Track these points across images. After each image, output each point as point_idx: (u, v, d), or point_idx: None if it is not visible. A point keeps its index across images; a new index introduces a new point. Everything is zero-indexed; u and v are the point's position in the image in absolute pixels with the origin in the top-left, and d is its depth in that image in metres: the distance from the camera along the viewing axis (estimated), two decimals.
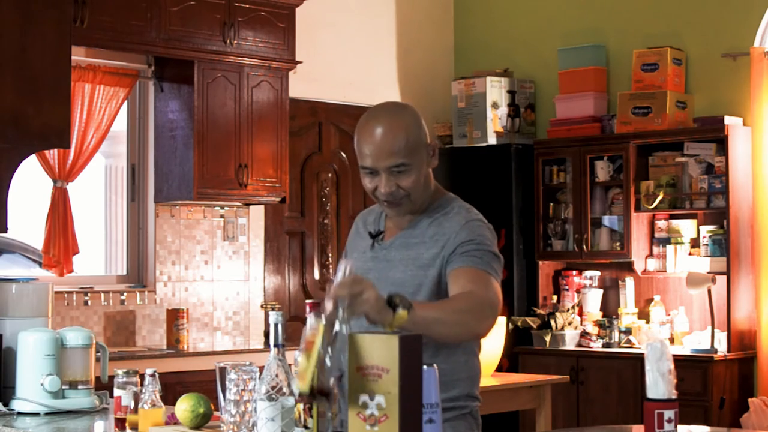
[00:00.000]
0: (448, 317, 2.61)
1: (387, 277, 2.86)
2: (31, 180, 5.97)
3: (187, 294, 6.65)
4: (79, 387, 3.43)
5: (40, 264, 6.14)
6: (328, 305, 2.27)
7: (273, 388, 2.35)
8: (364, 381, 2.07)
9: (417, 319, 2.46)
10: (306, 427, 2.33)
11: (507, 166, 7.40)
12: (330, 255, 7.36)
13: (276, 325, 2.42)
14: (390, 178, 2.79)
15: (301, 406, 2.33)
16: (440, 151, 7.55)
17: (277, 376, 2.35)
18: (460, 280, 2.75)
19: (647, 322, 7.02)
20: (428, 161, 2.86)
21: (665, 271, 6.97)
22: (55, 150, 5.91)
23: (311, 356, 2.19)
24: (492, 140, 7.47)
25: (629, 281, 7.14)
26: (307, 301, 2.45)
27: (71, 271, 6.07)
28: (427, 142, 2.85)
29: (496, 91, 7.50)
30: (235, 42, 6.46)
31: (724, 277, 6.61)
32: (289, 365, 2.39)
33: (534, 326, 7.12)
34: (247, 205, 6.88)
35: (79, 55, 6.07)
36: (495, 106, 7.50)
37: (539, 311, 7.17)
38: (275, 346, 2.40)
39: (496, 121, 7.49)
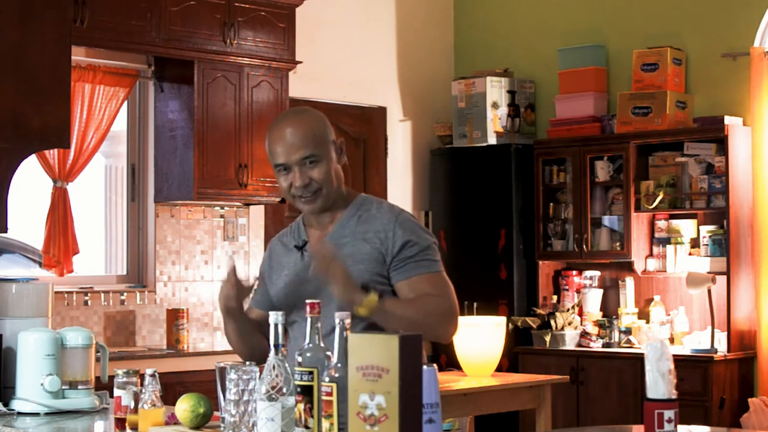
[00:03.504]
0: (416, 318, 2.82)
1: (321, 281, 2.89)
2: (31, 180, 5.97)
3: (187, 294, 6.65)
4: (79, 387, 3.43)
5: (40, 264, 6.14)
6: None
7: (273, 388, 2.35)
8: (364, 381, 2.07)
9: (386, 308, 2.76)
10: (307, 427, 2.33)
11: (507, 166, 7.40)
12: None
13: (276, 326, 2.42)
14: (302, 171, 2.94)
15: (302, 406, 2.33)
16: (440, 151, 7.68)
17: (277, 376, 2.35)
18: (418, 288, 2.90)
19: (647, 322, 7.02)
20: (337, 157, 3.02)
21: (665, 271, 6.97)
22: (55, 150, 5.91)
23: (332, 416, 2.24)
24: (492, 140, 7.47)
25: (629, 281, 7.14)
26: (307, 301, 2.46)
27: (71, 271, 6.07)
28: (333, 138, 3.02)
29: (496, 91, 7.50)
30: (235, 42, 6.46)
31: (724, 277, 6.61)
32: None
33: (534, 326, 7.12)
34: (247, 205, 6.88)
35: (79, 55, 6.07)
36: (495, 106, 7.50)
37: (539, 311, 7.17)
38: (275, 346, 2.40)
39: (496, 121, 7.49)
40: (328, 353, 2.37)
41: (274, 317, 2.42)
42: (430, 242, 2.97)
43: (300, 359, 2.37)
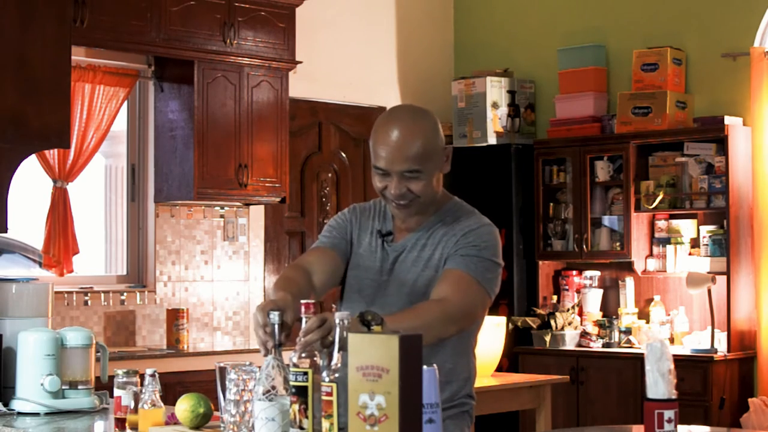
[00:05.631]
0: (417, 326, 2.62)
1: (398, 278, 2.89)
2: (31, 180, 5.97)
3: (187, 294, 6.65)
4: (79, 387, 3.43)
5: (40, 264, 6.14)
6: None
7: (272, 388, 2.35)
8: (364, 381, 2.07)
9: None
10: (301, 428, 2.33)
11: (507, 166, 7.41)
12: None
13: (274, 326, 2.41)
14: (401, 182, 2.81)
15: (296, 407, 2.33)
16: None
17: (275, 376, 2.35)
18: (444, 282, 2.79)
19: (647, 322, 7.02)
20: (441, 167, 2.87)
21: (665, 271, 6.97)
22: (55, 150, 5.91)
23: (332, 416, 2.24)
24: (492, 140, 7.47)
25: (629, 281, 7.14)
26: (302, 301, 2.46)
27: (71, 271, 6.07)
28: (443, 148, 2.87)
29: (496, 91, 7.50)
30: (235, 42, 6.46)
31: (724, 277, 6.61)
32: (287, 365, 2.39)
33: (534, 326, 7.12)
34: (247, 205, 6.88)
35: (79, 55, 6.07)
36: (495, 106, 7.50)
37: (539, 311, 7.17)
38: (274, 346, 2.40)
39: (496, 121, 7.49)
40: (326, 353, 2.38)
41: (272, 317, 2.42)
42: (492, 259, 2.83)
43: (295, 359, 2.37)
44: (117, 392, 2.83)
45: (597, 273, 7.30)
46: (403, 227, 2.95)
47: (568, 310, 7.13)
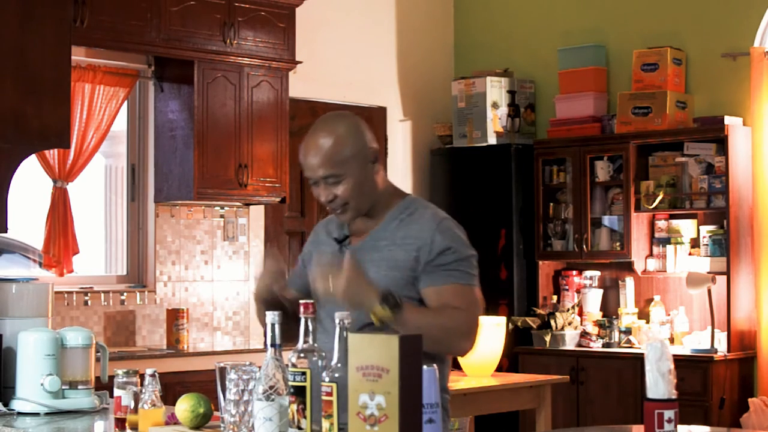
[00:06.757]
0: (434, 332, 2.68)
1: None
2: (31, 180, 5.97)
3: (187, 294, 6.65)
4: (79, 387, 3.43)
5: (40, 264, 6.14)
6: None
7: (270, 388, 2.35)
8: (364, 381, 2.07)
9: (403, 320, 2.64)
10: (299, 428, 2.33)
11: (507, 166, 7.40)
12: None
13: (273, 326, 2.42)
14: (327, 187, 2.88)
15: (294, 406, 2.33)
16: (440, 151, 7.68)
17: (274, 376, 2.36)
18: (444, 298, 2.81)
19: (647, 322, 7.02)
20: (368, 167, 2.90)
21: (665, 271, 6.97)
22: (55, 150, 5.91)
23: (332, 416, 2.24)
24: (492, 140, 7.47)
25: (629, 281, 7.14)
26: (301, 301, 2.46)
27: (71, 271, 6.07)
28: (366, 149, 2.89)
29: (496, 91, 7.50)
30: (235, 42, 6.46)
31: (724, 277, 6.61)
32: (286, 365, 2.39)
33: (534, 326, 7.12)
34: (247, 205, 6.88)
35: (79, 55, 6.07)
36: (495, 106, 7.50)
37: (539, 311, 7.17)
38: (272, 346, 2.40)
39: (496, 121, 7.49)
40: (323, 353, 2.38)
41: (271, 317, 2.42)
42: (469, 254, 2.88)
43: (294, 359, 2.38)
44: (117, 392, 2.83)
45: (597, 273, 7.30)
46: (361, 229, 2.98)
47: (568, 310, 7.13)
